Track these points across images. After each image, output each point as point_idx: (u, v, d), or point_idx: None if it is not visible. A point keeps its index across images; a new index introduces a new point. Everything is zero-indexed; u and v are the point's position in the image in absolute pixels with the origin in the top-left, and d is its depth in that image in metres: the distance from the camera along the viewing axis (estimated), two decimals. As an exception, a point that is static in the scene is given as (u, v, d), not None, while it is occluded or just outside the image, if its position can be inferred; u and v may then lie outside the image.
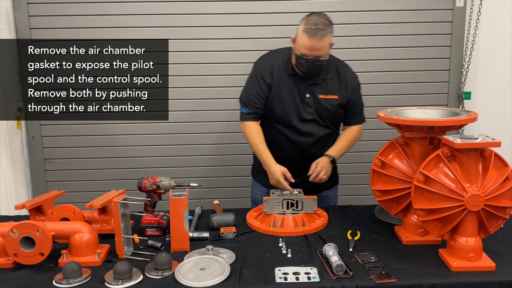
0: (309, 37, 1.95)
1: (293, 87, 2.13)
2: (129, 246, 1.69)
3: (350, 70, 2.23)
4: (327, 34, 1.97)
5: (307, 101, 2.13)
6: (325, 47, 1.99)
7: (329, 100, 2.14)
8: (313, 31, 1.94)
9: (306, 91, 2.13)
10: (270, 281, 1.46)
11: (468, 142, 1.49)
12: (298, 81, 2.13)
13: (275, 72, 2.14)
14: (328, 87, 2.14)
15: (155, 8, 3.03)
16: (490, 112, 3.21)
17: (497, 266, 1.52)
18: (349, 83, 2.18)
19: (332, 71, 2.16)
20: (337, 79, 2.16)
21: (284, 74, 2.14)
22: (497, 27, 3.11)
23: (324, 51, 2.00)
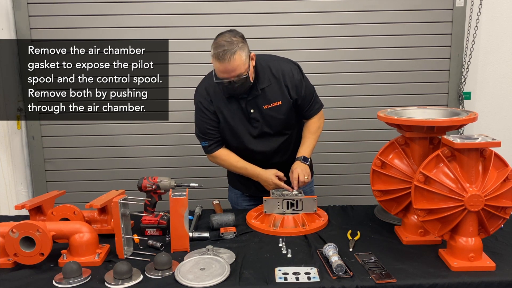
0: (219, 61, 1.89)
1: (234, 108, 2.08)
2: (129, 246, 1.69)
3: (286, 66, 2.11)
4: (236, 51, 1.88)
5: (253, 117, 2.09)
6: (240, 65, 1.91)
7: (274, 108, 2.08)
8: (221, 54, 1.87)
9: (249, 107, 2.07)
10: (270, 281, 1.46)
11: (468, 142, 1.49)
12: (237, 101, 2.07)
13: (213, 100, 2.09)
14: (268, 95, 2.07)
15: (155, 8, 3.03)
16: (490, 112, 3.22)
17: (497, 266, 1.52)
18: (288, 82, 2.09)
19: (267, 77, 2.07)
20: (275, 84, 2.08)
21: (222, 99, 2.08)
22: (497, 27, 3.11)
23: (241, 69, 1.92)
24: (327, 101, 3.17)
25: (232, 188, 2.40)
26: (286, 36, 3.08)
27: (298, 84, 2.11)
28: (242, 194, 2.34)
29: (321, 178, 3.20)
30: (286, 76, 2.09)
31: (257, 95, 2.06)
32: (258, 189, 2.22)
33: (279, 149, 2.17)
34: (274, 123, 2.11)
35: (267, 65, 2.09)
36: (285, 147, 2.19)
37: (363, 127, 3.21)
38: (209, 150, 2.17)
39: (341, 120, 3.22)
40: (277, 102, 2.08)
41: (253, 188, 2.27)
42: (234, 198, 2.38)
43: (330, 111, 3.18)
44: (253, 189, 2.27)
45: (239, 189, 2.35)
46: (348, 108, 3.20)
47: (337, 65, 3.15)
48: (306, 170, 2.11)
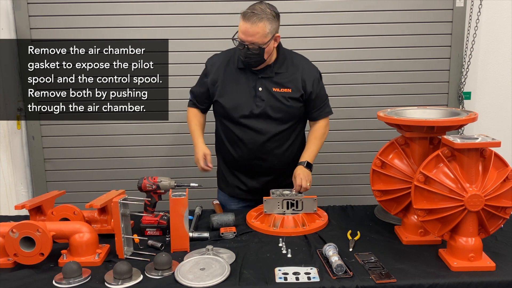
0: (244, 20, 1.93)
1: (243, 81, 2.11)
2: (129, 246, 1.69)
3: (307, 63, 2.19)
4: (262, 20, 1.92)
5: (259, 95, 2.10)
6: (260, 34, 1.93)
7: (282, 93, 2.11)
8: (248, 15, 1.92)
9: (259, 85, 2.10)
10: (270, 281, 1.46)
11: (468, 142, 1.49)
12: (248, 75, 2.11)
13: (221, 70, 2.14)
14: (281, 80, 2.11)
15: (155, 8, 3.03)
16: (490, 112, 3.22)
17: (497, 266, 1.52)
18: (306, 75, 2.13)
19: (285, 64, 2.13)
20: (291, 72, 2.12)
21: (233, 70, 2.13)
22: (497, 27, 3.11)
23: (259, 39, 1.94)
24: (327, 101, 3.19)
25: (219, 191, 2.39)
26: (286, 36, 3.05)
27: (315, 80, 2.16)
28: (229, 197, 2.33)
29: (321, 178, 3.20)
30: (306, 70, 2.15)
31: (270, 76, 2.10)
32: (242, 191, 2.24)
33: (275, 137, 2.14)
34: (277, 106, 2.11)
35: (291, 56, 2.16)
36: (281, 138, 2.16)
37: (363, 127, 3.21)
38: (188, 104, 2.31)
39: (341, 120, 3.22)
40: (287, 89, 2.11)
41: (236, 190, 2.27)
42: (222, 200, 2.36)
43: (330, 111, 3.19)
44: (237, 191, 2.28)
45: (225, 191, 2.34)
46: (348, 108, 3.20)
47: (337, 65, 3.15)
48: (309, 176, 2.09)
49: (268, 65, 2.09)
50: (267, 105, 2.10)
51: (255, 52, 1.98)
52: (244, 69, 2.11)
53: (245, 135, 2.14)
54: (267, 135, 2.13)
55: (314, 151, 2.19)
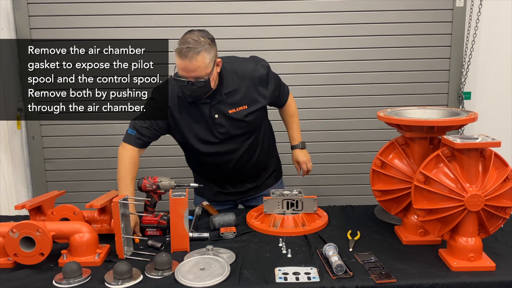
0: (180, 58, 1.81)
1: (197, 113, 2.00)
2: (129, 246, 1.69)
3: (250, 66, 2.04)
4: (200, 52, 1.79)
5: (218, 122, 2.01)
6: (202, 67, 1.81)
7: (240, 112, 2.02)
8: (183, 51, 1.79)
9: (213, 112, 1.99)
10: (270, 281, 1.46)
11: (468, 142, 1.49)
12: (200, 106, 1.99)
13: (173, 105, 2.01)
14: (233, 100, 2.00)
15: (155, 8, 3.04)
16: (490, 112, 3.22)
17: (497, 266, 1.52)
18: (258, 81, 2.03)
19: (231, 81, 2.00)
20: (242, 87, 2.01)
21: (184, 104, 2.00)
22: (497, 27, 3.11)
23: (202, 71, 1.82)
24: (327, 101, 3.20)
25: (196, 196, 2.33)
26: (286, 36, 3.08)
27: (266, 79, 2.06)
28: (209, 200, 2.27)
29: (321, 178, 3.20)
30: (253, 75, 2.03)
31: (220, 100, 1.99)
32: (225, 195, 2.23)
33: (248, 149, 2.12)
34: (241, 125, 2.05)
35: (232, 68, 2.01)
36: (251, 149, 2.14)
37: (363, 127, 3.21)
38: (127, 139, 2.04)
39: (341, 120, 3.22)
40: (243, 107, 2.02)
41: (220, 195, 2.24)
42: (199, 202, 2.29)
43: (330, 111, 3.19)
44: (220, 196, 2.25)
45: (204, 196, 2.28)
46: (348, 108, 3.20)
47: (337, 65, 3.15)
48: (308, 156, 2.26)
49: (215, 90, 1.97)
50: (228, 129, 2.04)
51: (201, 85, 1.86)
52: (194, 102, 1.99)
53: (216, 160, 2.11)
54: (238, 154, 2.11)
55: (298, 128, 2.29)
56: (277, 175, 2.34)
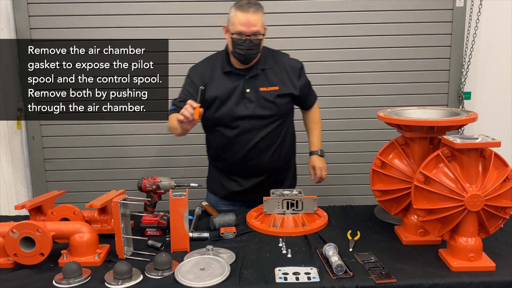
0: (243, 11, 1.96)
1: (231, 85, 2.11)
2: (129, 246, 1.69)
3: (287, 58, 2.22)
4: (259, 9, 1.99)
5: (247, 97, 2.10)
6: (260, 22, 2.00)
7: (270, 92, 2.12)
8: (246, 6, 1.96)
9: (246, 86, 2.11)
10: (270, 281, 1.46)
11: (468, 142, 1.49)
12: (235, 77, 2.11)
13: (207, 76, 2.13)
14: (268, 78, 2.13)
15: (155, 8, 3.04)
16: (490, 112, 3.22)
17: (497, 266, 1.52)
18: (291, 71, 2.17)
19: (268, 61, 2.15)
20: (276, 69, 2.15)
21: (219, 75, 2.13)
22: (497, 27, 3.11)
23: (260, 27, 2.00)
24: (327, 101, 3.19)
25: (209, 193, 2.38)
26: (286, 36, 3.08)
27: (300, 71, 2.20)
28: (220, 199, 2.32)
29: (321, 178, 3.19)
30: (287, 64, 2.18)
31: (256, 74, 2.11)
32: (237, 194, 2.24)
33: (266, 136, 2.16)
34: (268, 106, 2.12)
35: (270, 52, 2.18)
36: (272, 137, 2.17)
37: (363, 127, 3.21)
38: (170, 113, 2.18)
39: (341, 120, 3.22)
40: (275, 87, 2.12)
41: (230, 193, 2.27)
42: (213, 201, 2.34)
43: (330, 111, 3.19)
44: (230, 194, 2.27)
45: (214, 193, 2.33)
46: (348, 108, 3.20)
47: (337, 65, 3.15)
48: (325, 164, 2.32)
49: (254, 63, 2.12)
50: (256, 106, 2.11)
51: (257, 43, 2.02)
52: (230, 73, 2.12)
53: (236, 137, 2.15)
54: (259, 135, 2.15)
55: (319, 137, 2.35)
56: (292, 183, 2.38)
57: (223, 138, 2.18)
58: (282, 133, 2.21)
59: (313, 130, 2.36)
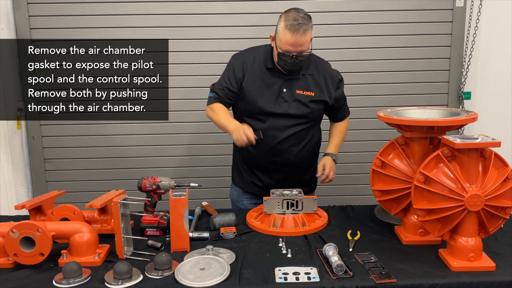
0: (292, 33, 1.96)
1: (269, 81, 2.13)
2: (129, 246, 1.69)
3: (329, 67, 2.24)
4: (308, 28, 1.98)
5: (283, 96, 2.13)
6: (308, 42, 2.01)
7: (305, 96, 2.14)
8: (295, 27, 1.95)
9: (283, 86, 2.13)
10: (270, 281, 1.46)
11: (468, 142, 1.49)
12: (276, 75, 2.13)
13: (248, 66, 2.15)
14: (306, 83, 2.15)
15: (155, 8, 3.03)
16: (490, 112, 3.22)
17: (497, 266, 1.52)
18: (330, 80, 2.19)
19: (311, 67, 2.17)
20: (316, 76, 2.17)
21: (260, 68, 2.14)
22: (497, 27, 3.11)
23: (307, 46, 2.01)
24: (327, 101, 3.19)
25: (233, 186, 2.41)
26: (286, 36, 3.07)
27: (339, 83, 2.23)
28: (243, 192, 2.35)
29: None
30: (328, 74, 2.20)
31: (296, 78, 2.13)
32: (257, 187, 2.25)
33: (293, 136, 2.18)
34: (300, 108, 2.15)
35: (313, 58, 2.19)
36: (299, 137, 2.20)
37: (363, 127, 3.21)
38: (210, 101, 2.18)
39: (341, 120, 3.21)
40: (310, 92, 2.15)
41: (251, 186, 2.29)
42: (235, 195, 2.38)
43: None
44: (251, 187, 2.29)
45: (239, 187, 2.35)
46: (348, 108, 3.20)
47: (336, 65, 3.12)
48: (334, 168, 2.27)
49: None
50: (289, 106, 2.14)
51: (302, 60, 2.04)
52: (271, 69, 2.14)
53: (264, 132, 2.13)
54: (286, 134, 2.17)
55: (339, 145, 2.36)
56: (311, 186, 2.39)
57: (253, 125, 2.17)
58: (309, 135, 2.24)
59: (336, 136, 2.36)
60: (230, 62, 2.21)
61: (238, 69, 2.15)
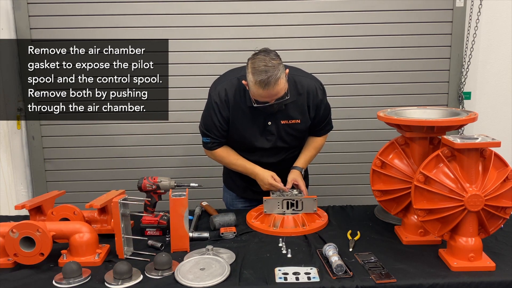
0: (263, 88, 1.83)
1: (252, 118, 2.04)
2: (129, 246, 1.69)
3: (311, 84, 2.08)
4: (280, 76, 1.83)
5: (269, 129, 2.07)
6: (283, 89, 1.88)
7: (292, 125, 2.08)
8: (265, 82, 1.81)
9: (267, 119, 2.05)
10: (270, 281, 1.46)
11: (468, 142, 1.49)
12: (257, 111, 2.00)
13: (231, 104, 2.03)
14: (289, 112, 2.05)
15: (155, 8, 3.03)
16: (490, 112, 3.22)
17: (497, 266, 1.52)
18: (311, 101, 2.07)
19: (293, 92, 2.01)
20: (298, 101, 2.05)
21: (241, 106, 2.03)
22: (497, 27, 3.11)
23: (283, 91, 1.89)
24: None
25: (227, 189, 2.38)
26: (286, 36, 3.08)
27: (319, 104, 2.10)
28: (236, 196, 2.34)
29: (321, 178, 3.20)
30: (311, 95, 2.07)
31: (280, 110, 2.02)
32: (254, 193, 2.21)
33: (285, 160, 2.18)
34: (288, 139, 2.11)
35: (293, 79, 2.03)
36: (291, 159, 2.20)
37: (363, 127, 3.21)
38: (209, 147, 2.13)
39: (341, 120, 3.21)
40: (296, 120, 2.07)
41: (248, 191, 2.27)
42: (229, 199, 2.36)
43: (330, 111, 3.18)
44: (248, 192, 2.27)
45: (234, 191, 2.34)
46: (348, 108, 3.20)
47: (337, 65, 3.15)
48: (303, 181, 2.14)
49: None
50: (277, 138, 2.10)
51: (281, 101, 1.93)
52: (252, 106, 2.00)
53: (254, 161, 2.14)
54: (278, 160, 2.16)
55: (309, 161, 2.24)
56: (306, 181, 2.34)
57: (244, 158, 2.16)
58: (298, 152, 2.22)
59: (308, 151, 2.22)
60: (212, 101, 2.05)
61: (223, 108, 2.03)
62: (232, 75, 2.08)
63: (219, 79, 2.12)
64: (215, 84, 2.10)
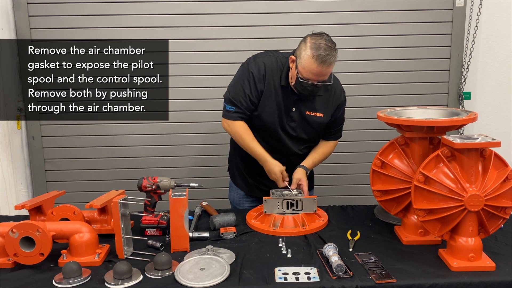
0: (319, 64, 1.87)
1: (281, 98, 2.06)
2: (129, 246, 1.69)
3: (339, 85, 2.17)
4: (335, 60, 1.91)
5: (291, 115, 2.09)
6: (331, 72, 1.95)
7: (314, 118, 2.10)
8: (323, 58, 1.86)
9: (292, 105, 2.07)
10: (270, 281, 1.46)
11: (468, 142, 1.49)
12: (287, 93, 2.05)
13: (267, 79, 2.04)
14: (315, 104, 2.09)
15: (155, 8, 3.03)
16: (490, 112, 3.22)
17: (497, 266, 1.52)
18: (336, 100, 2.13)
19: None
20: (326, 96, 2.10)
21: (275, 84, 2.05)
22: (497, 27, 3.11)
23: (329, 75, 1.96)
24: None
25: (235, 188, 2.37)
26: (286, 36, 3.08)
27: (341, 105, 2.16)
28: (245, 195, 2.34)
29: (321, 178, 3.20)
30: (337, 94, 2.13)
31: (306, 99, 2.06)
32: (261, 191, 2.21)
33: (300, 152, 2.19)
34: (308, 130, 2.13)
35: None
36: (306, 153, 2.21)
37: (363, 127, 3.21)
38: (230, 116, 2.08)
39: (341, 120, 3.21)
40: (319, 114, 2.10)
41: (255, 190, 2.27)
42: (236, 198, 2.36)
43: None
44: (255, 191, 2.27)
45: (242, 189, 2.33)
46: (348, 108, 3.18)
47: (337, 65, 3.13)
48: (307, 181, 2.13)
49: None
50: (298, 126, 2.11)
51: (325, 83, 1.96)
52: (286, 87, 2.05)
53: (272, 149, 2.14)
54: (293, 151, 2.16)
55: (316, 164, 2.24)
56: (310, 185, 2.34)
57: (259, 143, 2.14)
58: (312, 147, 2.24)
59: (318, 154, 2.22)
60: (248, 69, 2.06)
61: (259, 80, 2.04)
62: (271, 54, 2.11)
63: (258, 54, 2.14)
64: (254, 57, 2.12)
